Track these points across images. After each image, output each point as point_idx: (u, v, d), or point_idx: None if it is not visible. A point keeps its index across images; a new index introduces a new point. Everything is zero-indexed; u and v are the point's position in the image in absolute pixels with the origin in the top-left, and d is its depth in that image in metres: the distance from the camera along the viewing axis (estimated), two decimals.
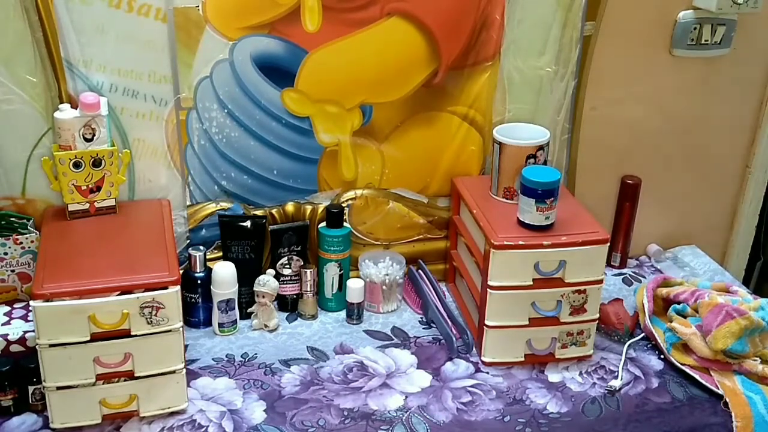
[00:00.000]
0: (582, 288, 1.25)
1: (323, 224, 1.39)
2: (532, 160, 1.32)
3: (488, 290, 1.24)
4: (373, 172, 1.43)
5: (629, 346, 1.34)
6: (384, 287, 1.39)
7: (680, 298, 1.36)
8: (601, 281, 1.26)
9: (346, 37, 1.31)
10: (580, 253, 1.23)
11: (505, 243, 1.22)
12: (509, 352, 1.28)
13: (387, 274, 1.39)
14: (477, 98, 1.41)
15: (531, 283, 1.24)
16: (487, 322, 1.26)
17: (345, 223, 1.41)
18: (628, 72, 1.49)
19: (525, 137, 1.33)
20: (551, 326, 1.27)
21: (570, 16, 1.39)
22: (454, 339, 1.31)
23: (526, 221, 1.25)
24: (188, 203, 1.37)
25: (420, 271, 1.47)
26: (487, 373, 1.27)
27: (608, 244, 1.25)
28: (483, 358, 1.29)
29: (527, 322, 1.26)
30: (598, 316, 1.28)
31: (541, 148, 1.32)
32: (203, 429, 1.13)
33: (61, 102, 1.22)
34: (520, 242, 1.22)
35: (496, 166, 1.35)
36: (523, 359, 1.28)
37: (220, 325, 1.33)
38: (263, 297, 1.34)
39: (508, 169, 1.33)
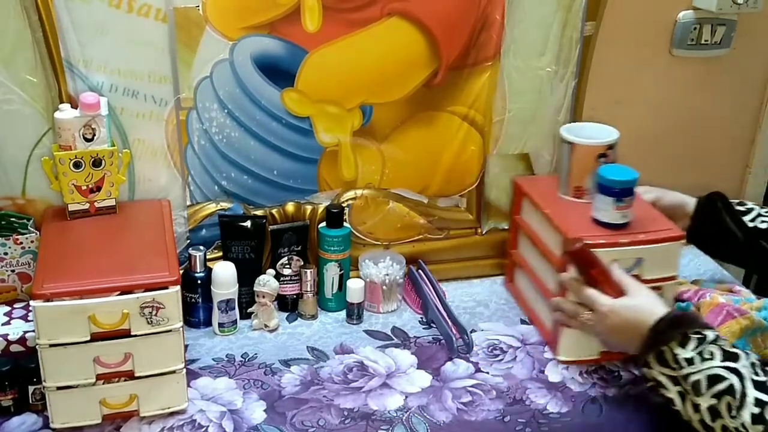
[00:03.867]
0: (658, 285, 1.25)
1: (323, 224, 1.39)
2: (603, 159, 1.32)
3: (567, 290, 1.25)
4: (373, 172, 1.43)
5: None
6: (384, 287, 1.39)
7: (684, 297, 1.36)
8: (675, 278, 1.28)
9: (346, 37, 1.31)
10: (656, 251, 1.24)
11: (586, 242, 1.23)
12: (585, 350, 1.28)
13: (387, 274, 1.39)
14: (477, 98, 1.41)
15: None
16: None
17: (345, 223, 1.41)
18: (628, 72, 1.49)
19: (590, 136, 1.34)
20: None
21: (570, 16, 1.39)
22: (454, 339, 1.31)
23: (603, 220, 1.26)
24: (188, 203, 1.37)
25: (420, 271, 1.47)
26: (487, 373, 1.27)
27: (684, 240, 1.26)
28: (559, 357, 1.29)
29: None
30: None
31: (611, 146, 1.33)
32: (203, 429, 1.13)
33: (61, 102, 1.22)
34: (601, 240, 1.23)
35: (565, 165, 1.36)
36: (598, 356, 1.28)
37: (220, 325, 1.33)
38: (263, 297, 1.34)
39: (578, 168, 1.34)
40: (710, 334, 1.05)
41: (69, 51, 1.21)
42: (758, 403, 0.97)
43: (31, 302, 1.05)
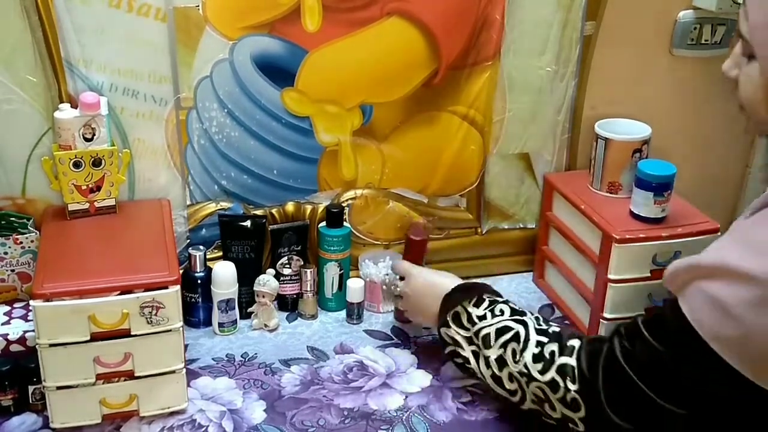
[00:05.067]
0: None
1: (323, 224, 1.39)
2: (638, 155, 1.35)
3: (608, 284, 1.28)
4: (373, 172, 1.43)
5: None
6: (384, 287, 1.39)
7: None
8: None
9: (346, 37, 1.31)
10: (694, 243, 1.26)
11: (627, 237, 1.25)
12: None
13: (387, 274, 1.39)
14: (477, 98, 1.41)
15: (649, 274, 1.27)
16: (605, 315, 1.29)
17: (345, 223, 1.41)
18: (628, 72, 1.49)
19: (623, 132, 1.36)
20: None
21: (570, 16, 1.39)
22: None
23: (642, 214, 1.28)
24: (188, 203, 1.37)
25: None
26: None
27: (719, 233, 1.28)
28: None
29: (643, 313, 1.29)
30: None
31: (646, 142, 1.35)
32: (203, 429, 1.13)
33: (61, 102, 1.22)
34: (641, 235, 1.24)
35: (600, 161, 1.38)
36: None
37: (220, 324, 1.33)
38: (263, 297, 1.34)
39: (613, 164, 1.36)
40: (501, 299, 1.14)
41: (69, 51, 1.21)
42: (538, 344, 1.03)
43: (31, 302, 1.05)
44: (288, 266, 1.40)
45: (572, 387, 0.98)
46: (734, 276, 0.84)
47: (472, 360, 1.11)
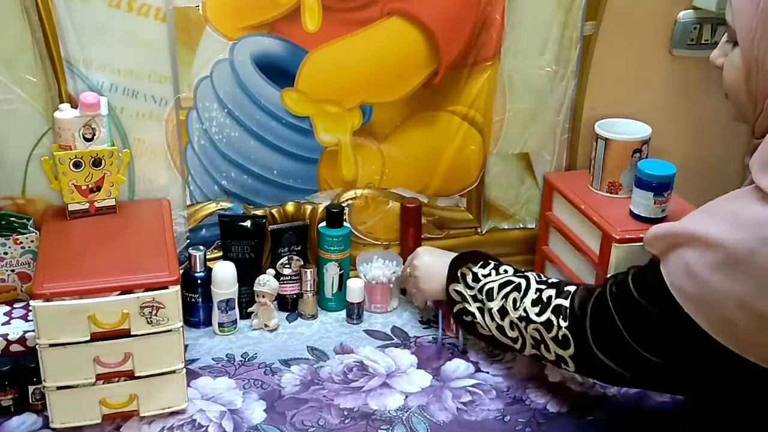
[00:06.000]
0: None
1: (323, 224, 1.39)
2: (638, 155, 1.35)
3: None
4: (373, 172, 1.43)
5: None
6: (391, 285, 1.39)
7: None
8: None
9: (346, 37, 1.31)
10: None
11: (627, 236, 1.26)
12: None
13: (394, 272, 1.39)
14: (477, 98, 1.41)
15: None
16: None
17: (345, 223, 1.41)
18: (628, 72, 1.49)
19: (623, 132, 1.37)
20: None
21: (570, 16, 1.39)
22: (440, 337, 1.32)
23: (642, 214, 1.29)
24: (188, 203, 1.37)
25: None
26: (487, 372, 1.27)
27: None
28: None
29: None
30: None
31: (646, 142, 1.35)
32: (203, 429, 1.13)
33: (61, 102, 1.22)
34: (641, 235, 1.24)
35: (599, 161, 1.38)
36: None
37: (220, 324, 1.33)
38: (263, 297, 1.34)
39: (613, 164, 1.37)
40: (505, 264, 1.21)
41: (69, 51, 1.21)
42: (537, 291, 1.12)
43: (31, 302, 1.05)
44: (288, 266, 1.40)
45: (563, 324, 1.07)
46: (705, 243, 0.91)
47: (478, 315, 1.18)
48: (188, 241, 1.38)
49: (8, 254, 1.24)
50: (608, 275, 1.23)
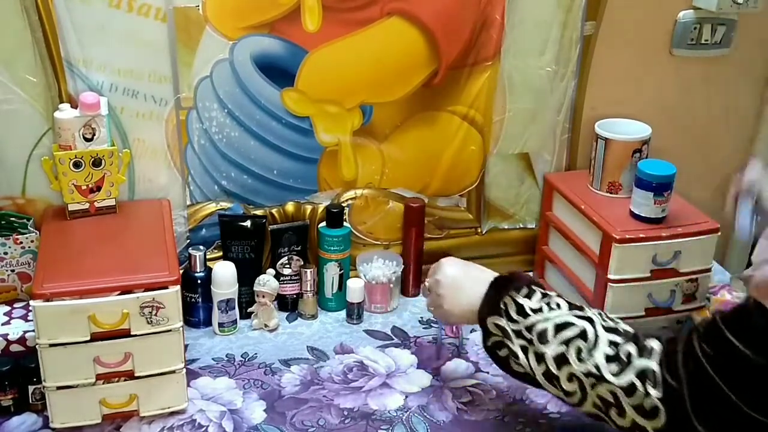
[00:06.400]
0: (694, 277, 1.29)
1: (323, 224, 1.39)
2: (638, 155, 1.35)
3: (608, 284, 1.28)
4: (373, 172, 1.43)
5: None
6: (391, 285, 1.39)
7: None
8: (710, 269, 1.31)
9: (346, 37, 1.31)
10: (694, 243, 1.28)
11: (627, 236, 1.26)
12: None
13: (394, 272, 1.39)
14: (477, 98, 1.41)
15: (649, 274, 1.28)
16: None
17: (345, 223, 1.41)
18: (628, 72, 1.49)
19: (623, 132, 1.37)
20: (664, 315, 1.31)
21: (570, 16, 1.39)
22: (442, 337, 1.31)
23: (642, 214, 1.29)
24: (188, 203, 1.37)
25: None
26: (487, 373, 1.27)
27: (719, 233, 1.30)
28: None
29: (643, 313, 1.30)
30: (703, 304, 1.33)
31: (646, 142, 1.36)
32: (203, 429, 1.13)
33: (61, 102, 1.22)
34: (641, 235, 1.24)
35: (599, 161, 1.38)
36: None
37: (220, 324, 1.33)
38: (263, 297, 1.34)
39: (613, 164, 1.37)
40: (552, 293, 1.04)
41: (69, 51, 1.21)
42: (611, 344, 0.94)
43: (31, 302, 1.05)
44: (288, 266, 1.40)
45: (654, 393, 0.90)
46: None
47: (521, 355, 1.01)
48: (188, 241, 1.38)
49: (8, 254, 1.24)
50: (682, 323, 1.18)
